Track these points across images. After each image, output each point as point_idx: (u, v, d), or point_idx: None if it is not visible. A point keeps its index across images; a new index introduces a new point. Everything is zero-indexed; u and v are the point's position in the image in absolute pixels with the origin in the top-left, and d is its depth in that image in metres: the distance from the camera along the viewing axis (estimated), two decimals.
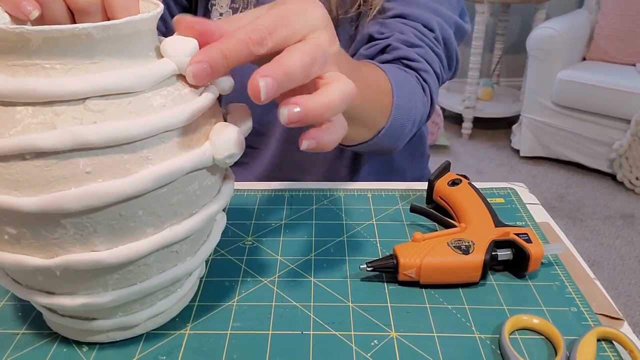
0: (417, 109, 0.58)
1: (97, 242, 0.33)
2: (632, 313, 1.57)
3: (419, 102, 0.59)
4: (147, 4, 0.36)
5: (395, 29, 0.59)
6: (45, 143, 0.29)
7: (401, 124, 0.57)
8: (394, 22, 0.60)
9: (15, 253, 0.33)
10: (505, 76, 3.07)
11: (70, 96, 0.30)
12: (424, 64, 0.60)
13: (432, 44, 0.61)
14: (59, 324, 0.40)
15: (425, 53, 0.60)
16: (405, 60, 0.59)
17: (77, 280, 0.35)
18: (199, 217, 0.36)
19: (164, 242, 0.35)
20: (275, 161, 0.73)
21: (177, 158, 0.33)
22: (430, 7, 0.60)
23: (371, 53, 0.60)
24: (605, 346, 0.39)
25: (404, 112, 0.56)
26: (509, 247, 0.47)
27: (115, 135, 0.30)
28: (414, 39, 0.59)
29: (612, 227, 1.97)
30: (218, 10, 0.68)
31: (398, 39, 0.59)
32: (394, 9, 0.60)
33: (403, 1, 0.60)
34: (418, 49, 0.59)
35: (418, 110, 0.58)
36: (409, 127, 0.58)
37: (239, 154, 0.36)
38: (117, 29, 0.31)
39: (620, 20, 2.30)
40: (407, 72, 0.59)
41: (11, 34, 0.29)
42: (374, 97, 0.52)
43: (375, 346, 0.40)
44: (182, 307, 0.43)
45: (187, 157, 0.33)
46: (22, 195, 0.30)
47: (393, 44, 0.59)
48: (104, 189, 0.31)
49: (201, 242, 0.40)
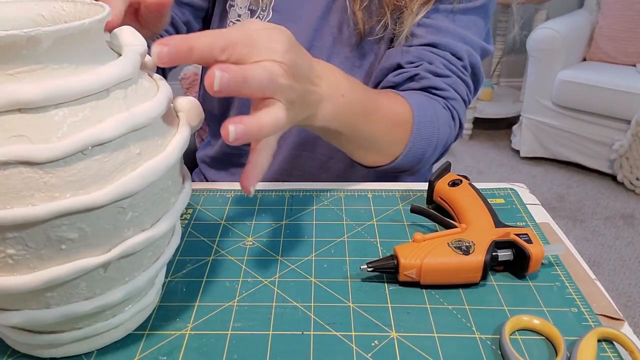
0: (441, 134, 0.60)
1: (146, 220, 0.35)
2: (632, 313, 1.57)
3: (444, 127, 0.60)
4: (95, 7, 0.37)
5: (424, 59, 0.61)
6: (106, 134, 0.31)
7: (421, 151, 0.59)
8: (423, 51, 0.61)
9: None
10: (506, 76, 3.07)
11: (97, 89, 0.31)
12: (452, 92, 0.61)
13: (460, 72, 0.62)
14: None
15: (453, 82, 0.62)
16: (433, 89, 0.61)
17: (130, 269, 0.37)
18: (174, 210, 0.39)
19: (182, 207, 0.39)
20: (285, 166, 0.73)
21: (180, 130, 0.37)
22: (459, 34, 0.62)
23: (399, 80, 0.62)
24: (605, 347, 0.39)
25: (423, 140, 0.58)
26: (509, 247, 0.47)
27: (154, 115, 0.34)
28: (442, 69, 0.61)
29: (613, 227, 1.97)
30: (236, 12, 0.68)
31: (426, 69, 0.60)
32: (423, 37, 0.61)
33: (433, 29, 0.61)
34: (446, 78, 0.61)
35: (442, 135, 0.60)
36: (429, 152, 0.60)
37: (203, 117, 0.41)
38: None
39: (620, 20, 2.30)
40: (434, 99, 0.61)
41: (22, 38, 0.29)
42: (388, 130, 0.56)
43: (375, 346, 0.40)
44: (146, 316, 0.43)
45: (183, 130, 0.38)
46: (88, 192, 0.31)
47: (421, 74, 0.60)
48: (153, 166, 0.34)
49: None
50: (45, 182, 0.30)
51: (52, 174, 0.30)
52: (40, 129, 0.30)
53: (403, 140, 0.58)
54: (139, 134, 0.33)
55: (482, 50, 0.65)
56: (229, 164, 0.80)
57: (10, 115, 0.29)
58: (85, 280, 0.34)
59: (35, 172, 0.29)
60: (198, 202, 0.59)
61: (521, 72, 2.87)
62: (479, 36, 0.65)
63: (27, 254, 0.31)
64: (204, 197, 0.60)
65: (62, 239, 0.31)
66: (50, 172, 0.30)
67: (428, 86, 0.61)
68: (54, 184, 0.30)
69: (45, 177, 0.30)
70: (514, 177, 2.34)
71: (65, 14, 0.37)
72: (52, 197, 0.30)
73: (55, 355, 0.39)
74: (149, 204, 0.35)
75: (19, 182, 0.29)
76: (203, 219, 0.56)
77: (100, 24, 0.33)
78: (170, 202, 0.38)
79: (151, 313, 0.43)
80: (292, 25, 0.48)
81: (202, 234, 0.54)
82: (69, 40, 0.31)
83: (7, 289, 0.32)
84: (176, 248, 0.42)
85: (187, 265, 0.49)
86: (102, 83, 0.32)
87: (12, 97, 0.29)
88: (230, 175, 0.80)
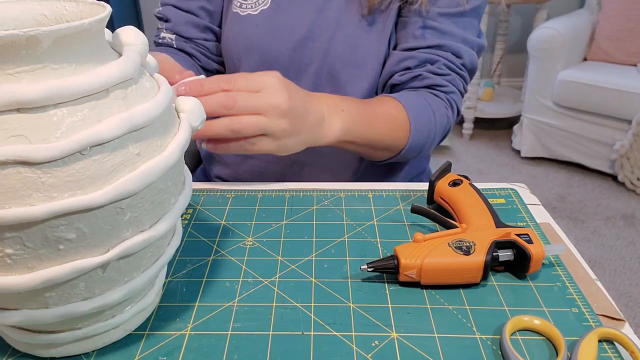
0: (438, 124, 0.69)
1: (145, 220, 0.35)
2: (633, 314, 1.57)
3: (440, 118, 0.70)
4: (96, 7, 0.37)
5: (428, 60, 0.70)
6: (105, 134, 0.31)
7: (421, 143, 0.68)
8: (428, 54, 0.69)
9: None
10: (506, 76, 3.07)
11: (97, 89, 0.31)
12: (451, 87, 0.71)
13: (459, 69, 0.71)
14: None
15: (452, 79, 0.71)
16: (435, 87, 0.71)
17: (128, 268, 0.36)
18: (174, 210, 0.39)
19: (181, 208, 0.39)
20: (283, 157, 0.74)
21: (180, 131, 0.38)
22: (460, 36, 0.70)
23: (404, 79, 0.71)
24: (606, 347, 0.39)
25: (422, 134, 0.67)
26: (510, 247, 0.47)
27: (154, 115, 0.34)
28: (444, 69, 0.70)
29: (613, 227, 1.97)
30: (239, 0, 0.73)
31: (428, 70, 0.70)
32: (429, 39, 0.69)
33: (438, 32, 0.69)
34: (446, 76, 0.70)
35: (439, 125, 0.70)
36: (429, 142, 0.70)
37: (205, 118, 0.43)
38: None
39: (621, 20, 2.30)
40: (435, 94, 0.71)
41: (22, 38, 0.29)
42: (389, 129, 0.65)
43: (376, 347, 0.40)
44: (146, 316, 0.43)
45: (183, 130, 0.38)
46: (87, 192, 0.31)
47: (424, 74, 0.70)
48: (152, 166, 0.33)
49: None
50: (44, 182, 0.30)
51: (50, 174, 0.30)
52: (38, 128, 0.30)
53: (403, 138, 0.66)
54: (138, 135, 0.33)
55: (479, 47, 0.73)
56: (228, 162, 0.80)
57: (9, 115, 0.29)
58: (84, 281, 0.34)
59: (34, 172, 0.29)
60: (198, 202, 0.59)
61: (522, 72, 2.87)
62: (475, 34, 0.73)
63: (25, 253, 0.31)
64: (204, 197, 0.60)
65: (60, 239, 0.31)
66: (49, 172, 0.30)
67: (430, 84, 0.70)
68: (52, 184, 0.30)
69: (43, 177, 0.29)
70: (515, 177, 2.34)
71: (67, 14, 0.37)
72: (50, 197, 0.30)
73: (55, 355, 0.39)
74: (148, 205, 0.34)
75: (17, 182, 0.29)
76: (203, 219, 0.56)
77: (101, 24, 0.33)
78: (170, 203, 0.37)
79: (151, 313, 0.43)
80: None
81: (202, 234, 0.54)
82: (69, 40, 0.30)
83: (5, 289, 0.32)
84: (176, 248, 0.42)
85: (187, 266, 0.49)
86: (101, 83, 0.32)
87: (11, 96, 0.29)
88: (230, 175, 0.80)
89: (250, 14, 0.71)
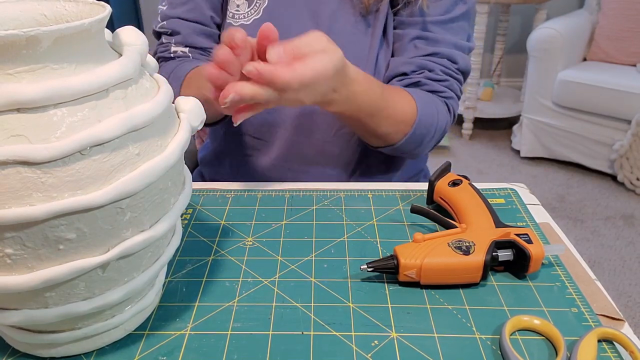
0: (439, 123, 0.71)
1: (145, 220, 0.35)
2: (632, 314, 1.57)
3: (442, 119, 0.72)
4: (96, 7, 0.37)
5: (425, 67, 0.72)
6: (105, 134, 0.31)
7: (421, 135, 0.69)
8: (424, 61, 0.72)
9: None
10: (506, 76, 3.07)
11: (97, 89, 0.31)
12: (449, 92, 0.73)
13: (455, 74, 0.74)
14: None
15: (450, 84, 0.73)
16: (434, 92, 0.72)
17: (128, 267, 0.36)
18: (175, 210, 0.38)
19: (181, 208, 0.39)
20: (284, 151, 0.74)
21: (180, 131, 0.38)
22: (453, 43, 0.73)
23: (403, 85, 0.72)
24: (606, 347, 0.39)
25: (424, 127, 0.68)
26: (509, 247, 0.47)
27: (154, 115, 0.34)
28: (441, 75, 0.72)
29: (613, 227, 1.97)
30: (235, 2, 0.73)
31: (427, 76, 0.72)
32: (424, 49, 0.71)
33: (432, 41, 0.72)
34: (444, 82, 0.72)
35: (440, 124, 0.71)
36: (428, 138, 0.71)
37: (205, 118, 0.42)
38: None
39: (620, 20, 2.30)
40: (434, 96, 0.72)
41: (22, 38, 0.29)
42: (397, 127, 0.66)
43: (375, 347, 0.40)
44: (146, 316, 0.43)
45: (183, 130, 0.38)
46: (87, 192, 0.31)
47: (422, 81, 0.71)
48: (152, 166, 0.33)
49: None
50: (44, 182, 0.30)
51: (50, 174, 0.30)
52: (38, 128, 0.30)
53: (406, 128, 0.67)
54: (138, 135, 0.33)
55: (469, 50, 0.76)
56: (226, 163, 0.80)
57: (9, 115, 0.29)
58: (83, 281, 0.34)
59: (34, 172, 0.29)
60: (198, 202, 0.59)
61: (521, 72, 2.87)
62: (465, 38, 0.75)
63: (25, 253, 0.31)
64: (204, 197, 0.60)
65: (60, 239, 0.31)
66: (49, 172, 0.30)
67: (429, 90, 0.72)
68: (52, 184, 0.30)
69: (43, 177, 0.29)
70: (514, 177, 2.34)
71: (68, 14, 0.37)
72: (50, 197, 0.30)
73: (55, 355, 0.39)
74: (148, 205, 0.34)
75: (17, 182, 0.29)
76: (203, 219, 0.56)
77: (101, 24, 0.33)
78: (170, 203, 0.37)
79: (151, 313, 0.43)
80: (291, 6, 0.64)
81: (202, 234, 0.54)
82: (69, 40, 0.30)
83: (5, 289, 0.32)
84: (176, 248, 0.42)
85: (187, 265, 0.49)
86: (101, 83, 0.32)
87: (11, 96, 0.29)
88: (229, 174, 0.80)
89: (243, 24, 0.71)
